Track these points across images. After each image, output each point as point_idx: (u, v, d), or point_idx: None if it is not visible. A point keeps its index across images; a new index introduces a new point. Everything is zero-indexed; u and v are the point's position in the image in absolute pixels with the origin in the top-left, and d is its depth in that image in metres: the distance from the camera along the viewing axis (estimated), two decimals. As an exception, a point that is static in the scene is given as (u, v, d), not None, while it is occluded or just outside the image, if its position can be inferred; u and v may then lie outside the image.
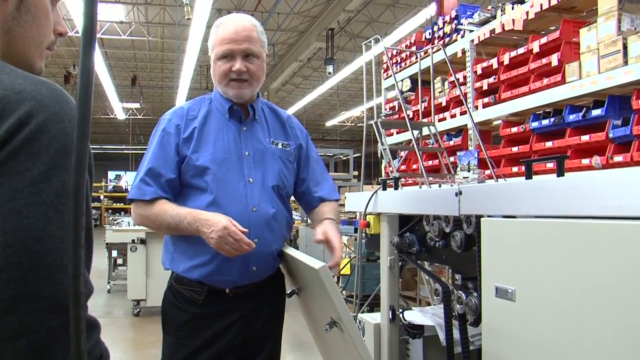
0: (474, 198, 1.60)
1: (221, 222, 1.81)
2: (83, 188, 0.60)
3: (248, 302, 2.02)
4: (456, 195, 1.65)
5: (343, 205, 2.95)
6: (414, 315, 2.18)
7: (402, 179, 4.94)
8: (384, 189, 2.32)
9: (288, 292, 2.04)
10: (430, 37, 5.73)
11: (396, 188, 2.27)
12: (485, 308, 1.53)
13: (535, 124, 3.95)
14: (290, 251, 2.00)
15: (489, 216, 1.54)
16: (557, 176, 1.40)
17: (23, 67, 0.92)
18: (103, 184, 26.90)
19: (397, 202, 2.13)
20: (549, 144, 3.79)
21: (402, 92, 5.94)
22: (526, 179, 1.53)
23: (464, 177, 2.05)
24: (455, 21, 5.29)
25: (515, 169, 4.18)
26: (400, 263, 2.24)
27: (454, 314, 1.79)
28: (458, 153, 4.41)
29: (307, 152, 2.23)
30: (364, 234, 2.45)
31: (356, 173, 14.20)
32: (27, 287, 0.72)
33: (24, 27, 0.92)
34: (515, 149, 4.23)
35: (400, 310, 2.20)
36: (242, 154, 2.03)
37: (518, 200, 1.39)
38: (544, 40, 3.88)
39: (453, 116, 5.16)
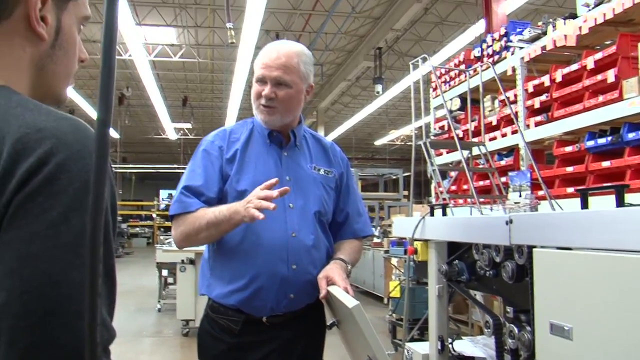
0: (525, 227, 1.52)
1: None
2: (100, 233, 0.57)
3: (285, 331, 1.97)
4: (507, 224, 1.57)
5: (390, 225, 2.89)
6: (464, 346, 2.09)
7: (452, 201, 4.84)
8: (432, 214, 2.26)
9: (329, 324, 1.98)
10: (479, 55, 5.64)
11: (444, 214, 2.21)
12: (539, 345, 1.44)
13: (591, 143, 3.80)
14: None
15: (542, 247, 1.46)
16: (617, 206, 1.32)
17: (50, 98, 0.93)
18: (155, 202, 27.47)
19: (445, 229, 2.06)
20: (606, 164, 3.64)
21: (451, 112, 5.85)
22: (582, 208, 1.45)
23: (515, 202, 1.97)
24: (505, 38, 5.20)
25: (570, 190, 4.03)
26: (449, 291, 2.16)
27: (505, 348, 1.70)
28: (510, 173, 4.29)
29: (348, 181, 2.20)
30: (412, 261, 2.39)
31: (406, 193, 14.08)
32: (44, 335, 0.70)
33: (56, 63, 0.92)
34: (570, 169, 4.08)
35: (450, 340, 2.12)
36: (283, 178, 2.00)
37: (573, 231, 1.31)
38: (598, 55, 3.75)
39: (504, 135, 5.04)
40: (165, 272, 8.83)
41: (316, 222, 2.02)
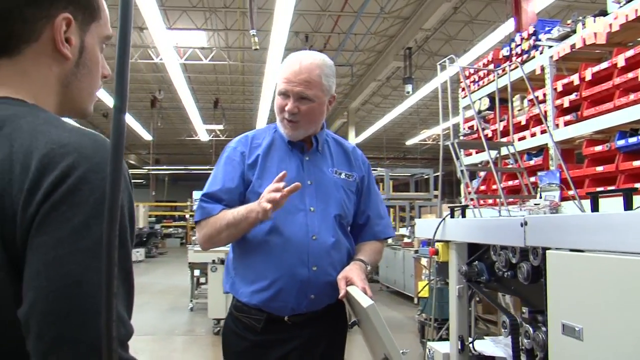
0: (539, 229, 1.54)
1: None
2: (115, 239, 0.63)
3: (306, 330, 2.02)
4: (521, 225, 1.59)
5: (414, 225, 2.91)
6: (485, 346, 2.11)
7: (477, 202, 4.82)
8: (452, 216, 2.28)
9: (350, 323, 2.02)
10: (508, 54, 5.60)
11: (463, 216, 2.22)
12: (552, 345, 1.46)
13: (621, 142, 3.75)
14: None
15: (556, 249, 1.47)
16: (625, 210, 1.32)
17: (76, 112, 1.03)
18: (188, 203, 27.77)
19: (463, 231, 2.09)
20: (637, 163, 3.59)
21: (480, 112, 5.82)
22: (592, 211, 1.45)
23: (535, 204, 1.98)
24: (534, 37, 5.15)
25: (599, 189, 3.98)
26: (470, 291, 2.18)
27: (522, 348, 1.72)
28: (539, 173, 4.26)
29: (369, 184, 2.23)
30: (435, 262, 2.41)
31: (437, 192, 14.00)
32: (67, 331, 0.78)
33: (80, 80, 1.01)
34: (600, 169, 4.03)
35: (471, 339, 2.14)
36: (305, 183, 2.04)
37: (585, 233, 1.32)
38: (630, 53, 3.69)
39: (533, 135, 4.99)
40: (197, 272, 8.98)
41: (336, 225, 2.06)
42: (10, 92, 0.93)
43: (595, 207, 1.46)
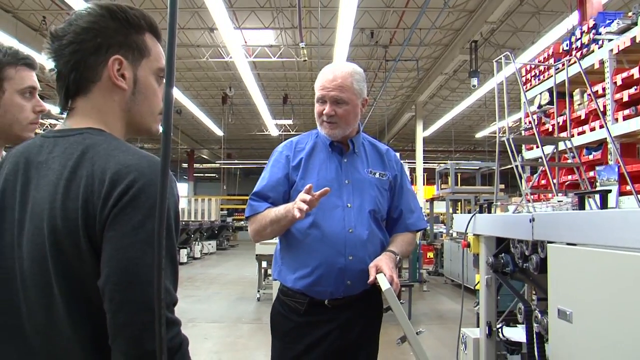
0: (544, 225, 1.68)
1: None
2: (163, 232, 0.92)
3: (345, 312, 2.24)
4: (530, 221, 1.75)
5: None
6: (515, 332, 2.25)
7: (536, 196, 4.85)
8: (481, 211, 2.43)
9: (385, 308, 2.22)
10: (568, 48, 5.56)
11: (489, 212, 2.37)
12: (551, 328, 1.61)
13: (678, 137, 3.73)
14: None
15: (557, 242, 1.62)
16: (600, 209, 1.45)
17: (143, 131, 1.35)
18: (258, 197, 28.30)
19: (489, 225, 2.24)
20: (693, 158, 3.58)
21: (540, 106, 5.82)
22: (579, 209, 1.58)
23: (558, 201, 2.09)
24: (594, 31, 5.10)
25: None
26: (497, 281, 2.33)
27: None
28: (597, 168, 4.26)
29: (402, 182, 2.43)
30: (472, 254, 2.57)
31: (502, 186, 13.82)
32: (129, 295, 1.09)
33: (138, 104, 1.30)
34: (657, 164, 4.01)
35: (499, 325, 2.29)
36: (343, 182, 2.28)
37: (574, 229, 1.47)
38: (690, 46, 3.67)
39: (592, 129, 4.97)
40: (264, 264, 9.34)
41: (371, 220, 2.27)
42: (90, 123, 1.25)
43: (581, 205, 1.59)
